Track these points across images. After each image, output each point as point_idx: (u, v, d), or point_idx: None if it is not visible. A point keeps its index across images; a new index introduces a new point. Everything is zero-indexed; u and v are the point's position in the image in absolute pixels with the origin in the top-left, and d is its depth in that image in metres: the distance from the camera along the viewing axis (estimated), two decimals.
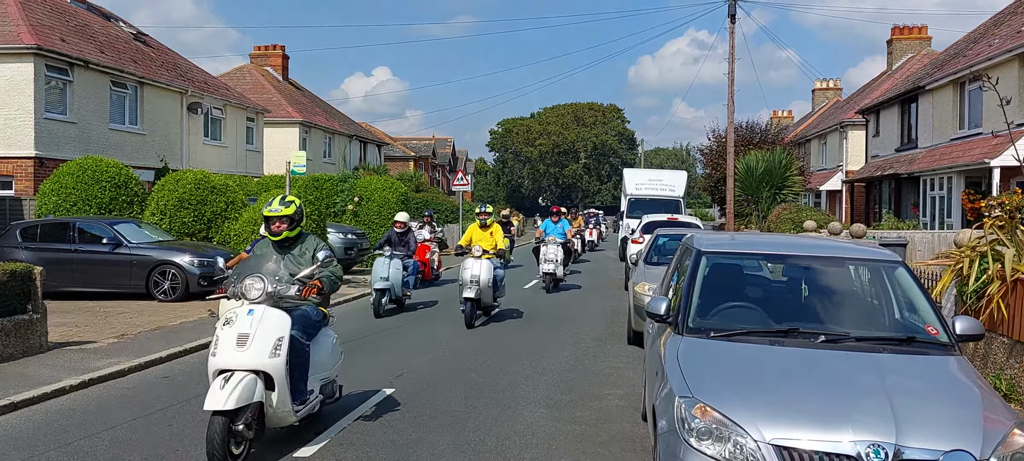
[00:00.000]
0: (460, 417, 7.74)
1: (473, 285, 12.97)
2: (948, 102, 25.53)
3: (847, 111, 39.48)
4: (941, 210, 24.98)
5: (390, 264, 14.52)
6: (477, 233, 14.02)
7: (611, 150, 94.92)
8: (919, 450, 4.10)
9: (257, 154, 34.57)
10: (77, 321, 13.00)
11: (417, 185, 42.35)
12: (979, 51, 24.26)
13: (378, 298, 14.26)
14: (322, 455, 6.59)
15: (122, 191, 18.66)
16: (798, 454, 4.12)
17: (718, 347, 5.21)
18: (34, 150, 21.11)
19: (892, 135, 31.13)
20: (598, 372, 9.94)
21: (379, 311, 14.20)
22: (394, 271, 14.51)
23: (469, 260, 13.30)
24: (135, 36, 29.22)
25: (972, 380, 4.86)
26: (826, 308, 5.91)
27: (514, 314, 14.85)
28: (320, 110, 45.34)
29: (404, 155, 59.13)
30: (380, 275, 14.44)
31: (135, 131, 25.59)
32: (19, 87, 20.99)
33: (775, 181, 30.73)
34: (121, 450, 6.65)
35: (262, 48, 45.76)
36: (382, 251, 14.79)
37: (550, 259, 18.86)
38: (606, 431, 7.35)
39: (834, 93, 52.58)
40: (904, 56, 39.34)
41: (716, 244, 6.62)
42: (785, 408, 4.39)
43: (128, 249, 15.78)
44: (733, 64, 29.45)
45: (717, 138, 41.67)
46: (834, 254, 6.43)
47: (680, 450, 4.38)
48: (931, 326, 5.47)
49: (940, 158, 24.73)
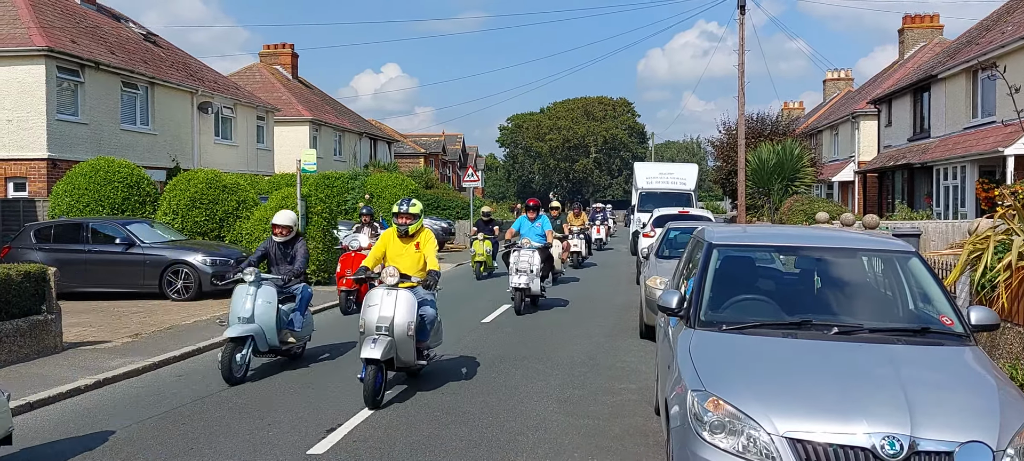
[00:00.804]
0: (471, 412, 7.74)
1: (380, 337, 8.02)
2: (961, 91, 25.33)
3: (859, 101, 39.25)
4: (955, 200, 24.79)
5: (256, 294, 9.25)
6: (394, 245, 8.91)
7: (621, 144, 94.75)
8: (934, 441, 4.07)
9: (268, 153, 34.69)
10: (91, 321, 13.08)
11: (427, 182, 42.37)
12: (991, 39, 24.05)
13: (229, 354, 8.86)
14: (335, 452, 6.61)
15: (134, 191, 18.76)
16: (812, 447, 4.09)
17: (730, 340, 5.19)
18: (47, 152, 21.25)
19: (904, 125, 30.92)
20: (610, 367, 9.92)
21: (231, 373, 8.85)
22: (263, 305, 9.26)
23: (377, 293, 8.36)
24: (145, 36, 29.35)
25: (988, 370, 4.82)
26: (839, 300, 5.87)
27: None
28: (330, 108, 45.43)
29: (414, 152, 59.21)
30: (239, 314, 9.15)
31: (146, 131, 25.71)
32: (31, 89, 21.13)
33: (787, 173, 30.60)
34: (136, 449, 6.69)
35: (271, 47, 45.90)
36: (244, 273, 9.39)
37: (522, 268, 14.22)
38: (619, 425, 7.34)
39: (845, 83, 52.28)
40: (916, 45, 39.06)
41: (728, 237, 6.59)
42: (798, 400, 4.37)
43: (141, 249, 15.85)
44: (743, 56, 29.33)
45: (728, 131, 41.53)
46: (846, 245, 6.39)
47: (693, 443, 4.37)
48: (945, 316, 5.43)
49: (953, 147, 24.55)
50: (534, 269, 14.28)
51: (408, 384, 8.87)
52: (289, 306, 9.83)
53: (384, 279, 8.39)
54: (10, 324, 9.66)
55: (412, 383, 8.93)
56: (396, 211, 8.90)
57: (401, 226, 8.80)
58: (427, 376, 9.26)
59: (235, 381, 8.88)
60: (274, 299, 9.41)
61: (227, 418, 7.62)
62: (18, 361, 9.66)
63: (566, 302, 15.86)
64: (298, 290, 10.05)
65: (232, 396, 8.45)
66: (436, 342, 9.34)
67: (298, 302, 9.97)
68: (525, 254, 14.43)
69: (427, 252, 8.83)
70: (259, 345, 9.26)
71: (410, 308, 8.26)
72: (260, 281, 9.40)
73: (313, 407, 8.03)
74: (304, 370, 9.75)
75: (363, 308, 8.41)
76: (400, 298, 8.27)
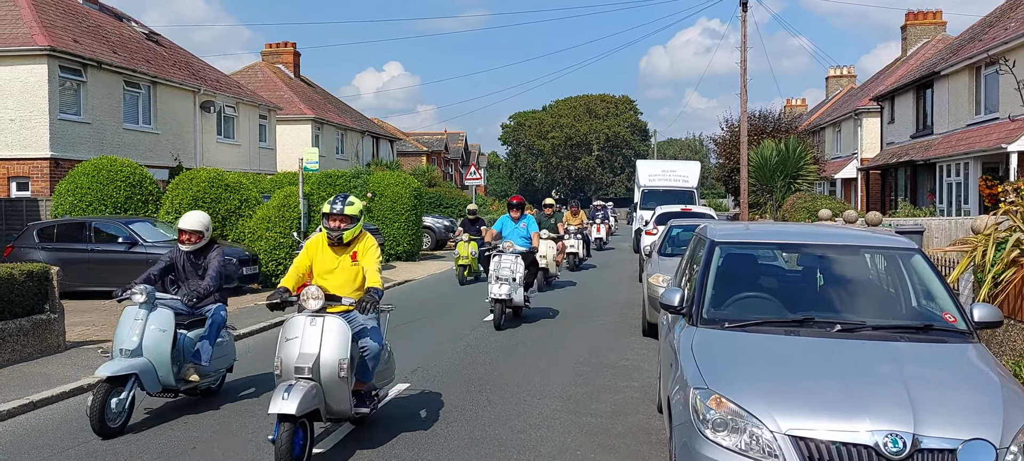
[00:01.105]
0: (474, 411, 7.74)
1: (300, 382, 6.11)
2: (964, 87, 25.28)
3: (861, 98, 39.18)
4: (958, 197, 24.75)
5: (146, 320, 7.41)
6: (323, 257, 6.94)
7: (624, 142, 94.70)
8: (937, 439, 4.06)
9: (270, 151, 34.71)
10: (94, 320, 13.10)
11: (430, 180, 42.37)
12: (995, 35, 23.99)
13: (102, 398, 6.92)
14: (338, 450, 6.61)
15: (137, 190, 18.78)
16: (815, 444, 4.09)
17: (733, 338, 5.18)
18: (49, 151, 21.28)
19: (907, 122, 30.87)
20: (613, 364, 9.91)
21: (103, 423, 6.90)
22: (155, 335, 7.39)
23: (297, 322, 6.40)
24: (147, 36, 29.38)
25: (991, 367, 4.80)
26: (842, 297, 5.86)
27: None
28: (332, 106, 45.45)
29: (416, 150, 59.21)
30: (122, 345, 7.30)
31: (149, 130, 25.73)
32: (33, 88, 21.16)
33: (789, 170, 30.56)
34: (139, 447, 6.70)
35: (273, 45, 45.90)
36: (133, 291, 7.51)
37: (503, 276, 12.30)
38: (622, 423, 7.34)
39: (848, 80, 52.19)
40: (918, 42, 38.98)
41: (730, 234, 6.59)
42: (801, 398, 4.36)
43: (144, 248, 15.86)
44: (745, 53, 29.29)
45: (730, 128, 41.46)
46: (849, 242, 6.38)
47: (695, 441, 4.36)
48: (949, 313, 5.41)
49: (956, 144, 24.50)
50: (517, 277, 12.38)
51: (409, 382, 8.87)
52: (198, 332, 7.90)
53: (304, 303, 6.40)
54: (13, 323, 9.68)
55: (413, 382, 8.93)
56: (326, 211, 6.83)
57: (333, 232, 6.78)
58: (425, 376, 9.25)
59: (110, 433, 6.90)
60: (171, 326, 7.49)
61: (232, 415, 7.60)
62: (21, 360, 9.67)
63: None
64: (210, 312, 8.01)
65: (237, 393, 8.41)
66: (386, 380, 7.31)
67: (209, 328, 7.92)
68: (507, 260, 12.48)
69: (367, 264, 6.84)
70: (147, 385, 7.28)
71: (341, 341, 6.29)
72: (154, 303, 7.51)
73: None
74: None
75: (279, 342, 6.42)
76: (328, 328, 6.30)
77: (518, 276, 12.43)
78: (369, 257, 6.90)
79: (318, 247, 6.98)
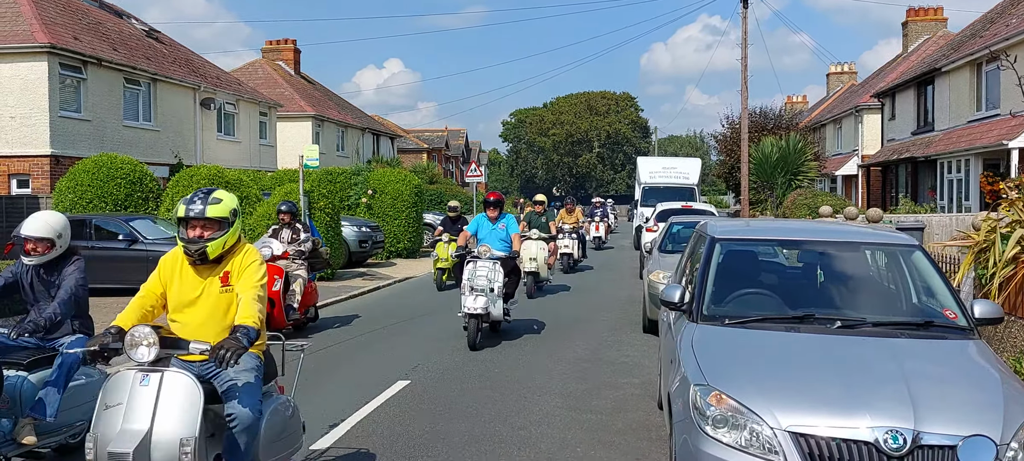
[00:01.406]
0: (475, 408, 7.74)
1: None
2: (965, 84, 25.25)
3: (862, 95, 39.15)
4: (959, 193, 24.73)
5: None
6: (182, 282, 4.87)
7: (625, 139, 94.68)
8: (938, 435, 4.05)
9: (270, 149, 34.70)
10: (94, 317, 13.06)
11: (431, 177, 42.37)
12: (996, 31, 23.96)
13: None
14: (338, 446, 6.61)
15: (137, 188, 18.78)
16: (815, 441, 4.08)
17: (733, 334, 5.18)
18: (50, 148, 21.28)
19: (908, 118, 30.84)
20: (614, 361, 9.91)
21: None
22: None
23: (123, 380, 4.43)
24: (147, 33, 29.36)
25: (991, 364, 4.80)
26: (842, 294, 5.86)
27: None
28: (332, 104, 45.43)
29: (417, 147, 59.21)
30: None
31: (149, 128, 25.73)
32: (33, 86, 21.15)
33: (790, 167, 30.55)
34: None
35: (274, 43, 45.86)
36: None
37: (480, 287, 10.45)
38: (622, 420, 7.34)
39: (849, 77, 52.11)
40: (919, 38, 38.93)
41: (730, 231, 6.58)
42: (801, 395, 4.35)
43: (144, 245, 15.86)
44: (746, 49, 29.25)
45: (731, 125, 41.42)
46: (850, 239, 6.37)
47: (696, 438, 4.36)
48: (949, 310, 5.41)
49: (957, 140, 24.48)
50: (495, 287, 10.56)
51: (409, 379, 8.87)
52: (41, 375, 5.68)
53: (129, 352, 4.42)
54: None
55: (412, 379, 8.93)
56: (181, 214, 4.75)
57: (191, 245, 4.70)
58: (425, 373, 9.25)
59: None
60: None
61: None
62: None
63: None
64: (62, 345, 5.79)
65: None
66: (283, 450, 4.96)
67: (57, 369, 5.62)
68: (483, 267, 10.64)
69: (243, 289, 4.74)
70: None
71: (189, 412, 4.32)
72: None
73: None
74: None
75: (96, 410, 4.41)
76: (166, 390, 4.35)
77: (496, 286, 10.58)
78: (247, 278, 4.76)
79: (175, 267, 4.86)
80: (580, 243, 21.98)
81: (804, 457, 4.06)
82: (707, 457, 4.26)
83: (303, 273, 11.71)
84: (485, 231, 11.47)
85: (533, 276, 15.84)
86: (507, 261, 11.17)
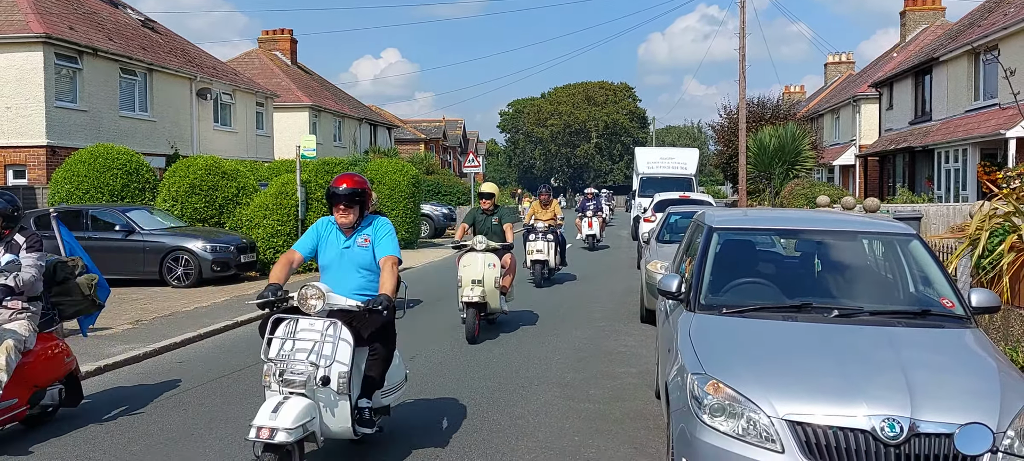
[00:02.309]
0: None
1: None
2: (963, 73, 25.24)
3: (860, 85, 39.13)
4: (956, 183, 24.75)
5: None
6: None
7: (623, 129, 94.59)
8: (935, 423, 4.05)
9: (267, 139, 34.65)
10: None
11: (428, 167, 42.32)
12: (994, 21, 23.94)
13: None
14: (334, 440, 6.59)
15: (133, 178, 18.74)
16: (812, 429, 4.08)
17: (730, 323, 5.18)
18: (46, 139, 21.23)
19: (906, 108, 30.83)
20: (611, 351, 9.92)
21: None
22: None
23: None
24: (143, 22, 29.26)
25: (988, 352, 4.80)
26: (839, 283, 5.86)
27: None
28: (329, 94, 45.34)
29: (415, 137, 59.14)
30: None
31: (145, 118, 25.66)
32: (29, 76, 21.08)
33: (788, 157, 30.55)
34: (136, 434, 6.70)
35: (270, 32, 45.76)
36: None
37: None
38: (619, 408, 7.35)
39: (847, 67, 52.11)
40: (917, 28, 38.89)
41: (728, 220, 6.58)
42: (798, 383, 4.36)
43: (141, 236, 15.85)
44: (744, 39, 29.23)
45: (729, 115, 41.40)
46: (847, 228, 6.37)
47: (693, 426, 4.36)
48: (946, 299, 5.41)
49: (954, 130, 24.48)
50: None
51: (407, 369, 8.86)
52: None
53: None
54: None
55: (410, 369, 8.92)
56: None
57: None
58: (423, 364, 9.25)
59: None
60: None
61: (227, 405, 7.62)
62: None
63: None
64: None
65: (232, 383, 8.44)
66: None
67: None
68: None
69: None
70: None
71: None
72: None
73: None
74: None
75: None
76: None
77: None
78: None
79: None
80: (558, 246, 16.83)
81: (801, 445, 4.07)
82: (704, 446, 4.26)
83: (20, 327, 6.41)
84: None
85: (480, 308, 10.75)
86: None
